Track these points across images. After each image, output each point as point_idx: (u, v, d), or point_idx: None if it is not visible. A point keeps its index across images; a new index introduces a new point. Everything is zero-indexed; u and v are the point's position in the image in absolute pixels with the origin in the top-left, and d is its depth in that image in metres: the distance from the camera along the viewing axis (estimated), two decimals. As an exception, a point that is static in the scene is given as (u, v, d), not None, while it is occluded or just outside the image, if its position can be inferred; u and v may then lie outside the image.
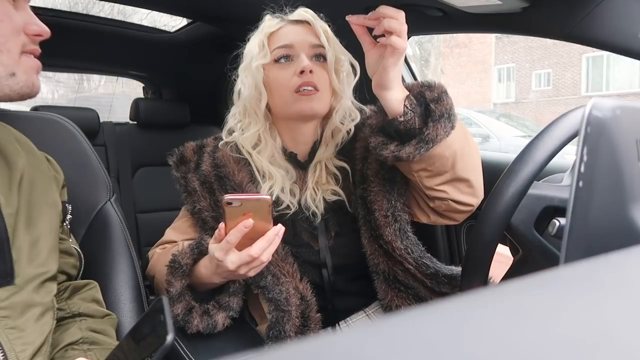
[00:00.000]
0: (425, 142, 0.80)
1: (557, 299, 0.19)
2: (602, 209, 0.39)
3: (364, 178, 0.95)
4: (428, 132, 0.80)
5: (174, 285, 0.86)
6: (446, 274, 0.93)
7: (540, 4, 0.95)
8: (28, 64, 0.63)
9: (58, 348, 0.70)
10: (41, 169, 0.74)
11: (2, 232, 0.63)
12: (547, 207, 0.69)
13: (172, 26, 2.00)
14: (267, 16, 0.96)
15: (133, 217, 1.91)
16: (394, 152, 0.83)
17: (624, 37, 0.87)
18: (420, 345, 0.15)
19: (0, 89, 0.61)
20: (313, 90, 0.89)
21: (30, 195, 0.69)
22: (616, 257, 0.24)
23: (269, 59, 0.92)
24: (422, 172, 0.86)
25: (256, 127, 0.96)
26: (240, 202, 0.76)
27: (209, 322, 0.87)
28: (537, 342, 0.15)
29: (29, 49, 0.64)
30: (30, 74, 0.63)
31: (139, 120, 2.02)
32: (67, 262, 0.77)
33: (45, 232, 0.69)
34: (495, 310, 0.18)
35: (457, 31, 1.23)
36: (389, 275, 0.94)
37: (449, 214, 0.93)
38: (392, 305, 0.94)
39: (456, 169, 0.85)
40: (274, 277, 0.90)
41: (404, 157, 0.82)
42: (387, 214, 0.92)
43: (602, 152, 0.38)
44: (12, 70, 0.61)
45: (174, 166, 0.99)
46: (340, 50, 0.94)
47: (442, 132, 0.80)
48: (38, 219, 0.68)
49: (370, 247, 0.94)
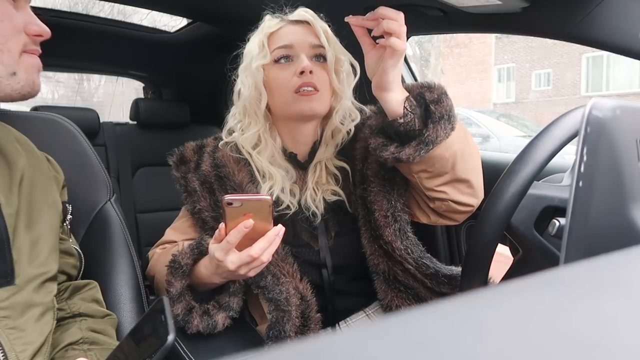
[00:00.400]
0: (425, 143, 0.80)
1: (557, 299, 0.19)
2: (602, 209, 0.39)
3: (364, 178, 0.95)
4: (428, 133, 0.80)
5: (174, 286, 0.86)
6: (446, 274, 0.93)
7: (540, 4, 0.95)
8: (29, 62, 0.63)
9: (58, 348, 0.70)
10: (41, 169, 0.74)
11: (2, 232, 0.62)
12: (547, 207, 0.69)
13: (172, 26, 2.00)
14: (267, 16, 0.96)
15: (133, 217, 1.91)
16: (394, 154, 0.83)
17: (624, 37, 0.87)
18: (420, 345, 0.15)
19: (1, 88, 0.61)
20: (313, 90, 0.89)
21: (30, 195, 0.69)
22: (616, 257, 0.24)
23: (269, 59, 0.92)
24: (422, 174, 0.86)
25: (256, 127, 0.96)
26: (240, 202, 0.76)
27: (209, 322, 0.87)
28: (537, 342, 0.15)
29: (30, 49, 0.64)
30: (31, 72, 0.63)
31: (139, 120, 2.02)
32: (68, 262, 0.77)
33: (45, 232, 0.69)
34: (495, 310, 0.18)
35: (457, 31, 1.23)
36: (389, 276, 0.94)
37: (449, 215, 0.93)
38: (392, 306, 0.94)
39: (456, 169, 0.85)
40: (274, 277, 0.90)
41: (404, 158, 0.82)
42: (387, 214, 0.92)
43: (602, 152, 0.38)
44: (12, 70, 0.61)
45: (174, 166, 0.99)
46: (340, 51, 0.94)
47: (442, 134, 0.80)
48: (38, 219, 0.68)
49: (370, 247, 0.94)
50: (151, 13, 1.99)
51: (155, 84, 2.32)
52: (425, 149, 0.80)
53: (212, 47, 1.84)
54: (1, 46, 0.60)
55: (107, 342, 0.75)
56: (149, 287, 1.02)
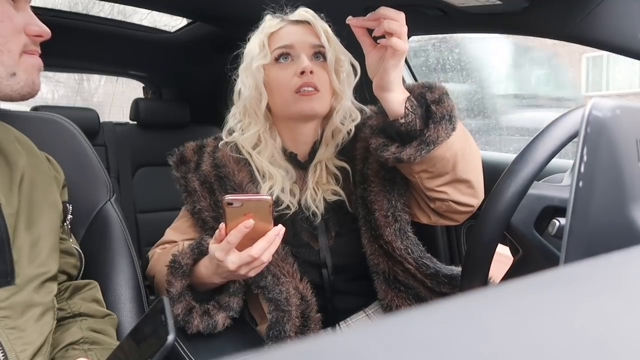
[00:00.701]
0: (426, 143, 0.80)
1: (557, 299, 0.19)
2: (602, 209, 0.39)
3: (364, 178, 0.95)
4: (429, 133, 0.80)
5: (174, 286, 0.86)
6: (446, 274, 0.93)
7: (540, 4, 0.95)
8: (29, 62, 0.63)
9: (59, 348, 0.70)
10: (42, 169, 0.74)
11: (2, 232, 0.62)
12: (547, 207, 0.69)
13: (172, 26, 2.00)
14: (268, 16, 0.96)
15: (133, 217, 1.91)
16: (395, 154, 0.82)
17: (624, 37, 0.87)
18: (421, 345, 0.15)
19: (1, 89, 0.61)
20: (313, 90, 0.89)
21: (30, 195, 0.69)
22: (616, 257, 0.24)
23: (269, 59, 0.92)
24: (423, 174, 0.86)
25: (256, 127, 0.96)
26: (241, 202, 0.76)
27: (209, 322, 0.87)
28: (537, 342, 0.15)
29: (30, 49, 0.64)
30: (31, 72, 0.63)
31: (139, 120, 2.02)
32: (68, 262, 0.77)
33: (45, 232, 0.69)
34: (495, 310, 0.18)
35: (457, 31, 1.23)
36: (389, 276, 0.94)
37: (449, 215, 0.93)
38: (392, 305, 0.94)
39: (457, 170, 0.85)
40: (274, 277, 0.90)
41: (405, 158, 0.82)
42: (387, 214, 0.92)
43: (602, 152, 0.38)
44: (12, 71, 0.61)
45: (174, 166, 0.99)
46: (340, 51, 0.94)
47: (443, 134, 0.80)
48: (38, 219, 0.68)
49: (370, 247, 0.94)
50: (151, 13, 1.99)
51: (155, 84, 2.32)
52: (427, 149, 0.80)
53: (212, 47, 1.84)
54: (1, 47, 0.59)
55: (108, 342, 0.74)
56: (149, 287, 1.02)
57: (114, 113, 4.68)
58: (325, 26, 0.93)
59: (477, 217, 0.69)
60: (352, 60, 0.96)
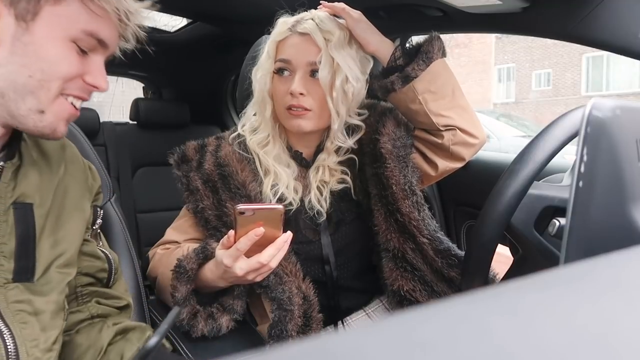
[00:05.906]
0: (425, 53, 0.91)
1: (557, 299, 0.19)
2: (602, 209, 0.39)
3: (376, 157, 0.95)
4: (424, 48, 0.92)
5: (179, 290, 0.85)
6: (457, 254, 0.94)
7: (540, 4, 0.95)
8: (62, 107, 0.61)
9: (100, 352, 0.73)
10: (79, 178, 0.75)
11: (30, 230, 0.64)
12: (547, 207, 0.69)
13: (172, 26, 2.00)
14: (280, 19, 0.96)
15: (133, 217, 1.91)
16: (400, 77, 0.91)
17: (624, 37, 0.87)
18: (421, 345, 0.15)
19: (25, 121, 0.59)
20: (302, 110, 0.91)
21: (62, 201, 0.70)
22: (616, 257, 0.24)
23: (272, 69, 0.94)
24: (427, 95, 0.91)
25: (266, 128, 0.98)
26: (252, 211, 0.76)
27: (214, 325, 0.87)
28: (537, 342, 0.15)
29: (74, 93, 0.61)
30: (59, 117, 0.61)
31: (139, 120, 2.02)
32: (93, 265, 0.77)
33: (68, 236, 0.70)
34: (495, 310, 0.18)
35: (457, 31, 1.23)
36: (397, 253, 0.94)
37: (457, 150, 0.95)
38: (394, 285, 0.94)
39: (456, 95, 0.93)
40: (277, 276, 0.90)
41: (410, 72, 0.90)
42: (404, 187, 0.93)
43: (602, 152, 0.38)
44: (42, 108, 0.59)
45: (175, 165, 0.99)
46: (345, 67, 0.91)
47: (436, 49, 0.92)
48: (65, 223, 0.69)
49: (385, 223, 0.95)
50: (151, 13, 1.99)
51: (155, 84, 2.32)
52: (426, 57, 0.90)
53: (212, 47, 1.84)
54: (43, 82, 0.58)
55: (134, 326, 0.78)
56: (149, 287, 1.01)
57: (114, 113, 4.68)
58: (331, 36, 0.91)
59: (477, 217, 0.69)
60: (357, 74, 0.93)
